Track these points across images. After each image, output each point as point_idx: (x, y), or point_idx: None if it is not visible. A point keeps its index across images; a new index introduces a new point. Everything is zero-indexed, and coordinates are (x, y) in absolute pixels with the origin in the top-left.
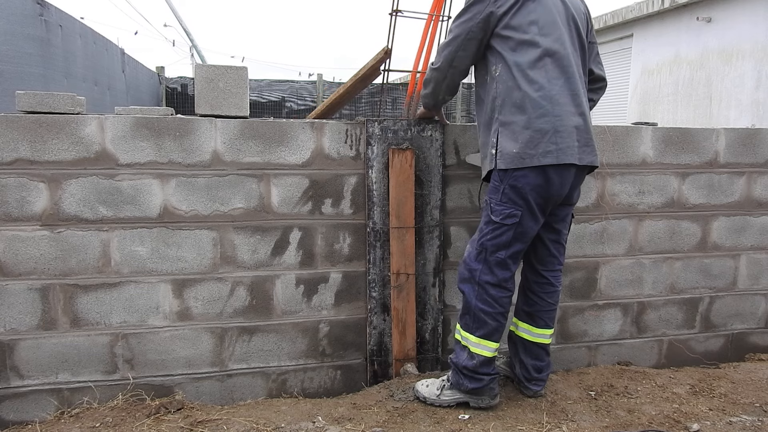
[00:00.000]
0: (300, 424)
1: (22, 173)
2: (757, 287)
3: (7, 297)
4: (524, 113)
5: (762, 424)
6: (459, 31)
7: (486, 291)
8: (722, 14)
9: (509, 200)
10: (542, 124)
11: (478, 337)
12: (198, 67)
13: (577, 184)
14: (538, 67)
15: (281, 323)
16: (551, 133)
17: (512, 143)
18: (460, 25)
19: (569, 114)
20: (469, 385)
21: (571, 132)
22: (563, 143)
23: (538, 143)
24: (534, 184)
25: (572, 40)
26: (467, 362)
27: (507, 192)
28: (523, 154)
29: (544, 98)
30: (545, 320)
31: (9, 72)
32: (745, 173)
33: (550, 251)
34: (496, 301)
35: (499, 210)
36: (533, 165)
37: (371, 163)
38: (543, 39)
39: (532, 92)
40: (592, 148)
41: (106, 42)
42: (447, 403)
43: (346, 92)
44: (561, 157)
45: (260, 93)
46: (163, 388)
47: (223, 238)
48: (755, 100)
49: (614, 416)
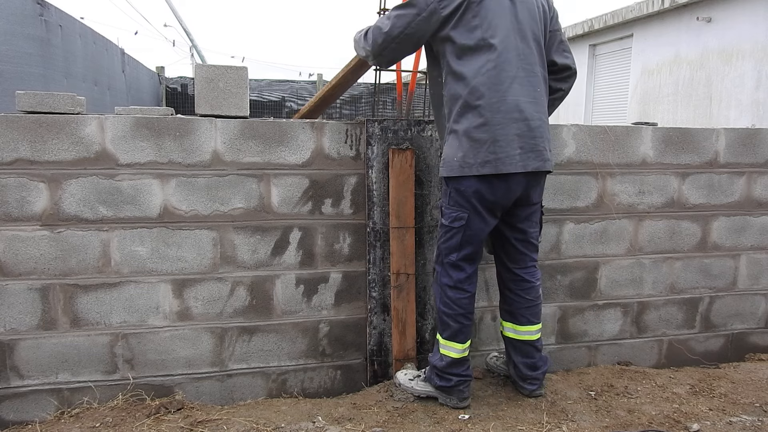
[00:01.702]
0: (300, 424)
1: (22, 173)
2: (757, 287)
3: (7, 297)
4: (465, 122)
5: (762, 424)
6: (398, 22)
7: (445, 293)
8: (722, 14)
9: (455, 203)
10: (480, 133)
11: (445, 339)
12: (198, 67)
13: (534, 186)
14: (481, 74)
15: (281, 323)
16: (489, 142)
17: (454, 151)
18: (400, 17)
19: (510, 121)
20: (438, 382)
21: (512, 140)
22: (502, 152)
23: (477, 152)
24: (475, 189)
25: (522, 39)
26: (437, 362)
27: (453, 195)
28: (462, 163)
29: (483, 107)
30: (527, 317)
31: (9, 72)
32: (745, 173)
33: (519, 250)
34: (454, 302)
35: (448, 213)
36: (471, 174)
37: (371, 163)
38: (486, 44)
39: (472, 101)
40: (539, 152)
41: (106, 42)
42: (418, 393)
43: (338, 84)
44: (500, 167)
45: (260, 93)
46: (163, 388)
47: (223, 238)
48: (755, 100)
49: (614, 416)
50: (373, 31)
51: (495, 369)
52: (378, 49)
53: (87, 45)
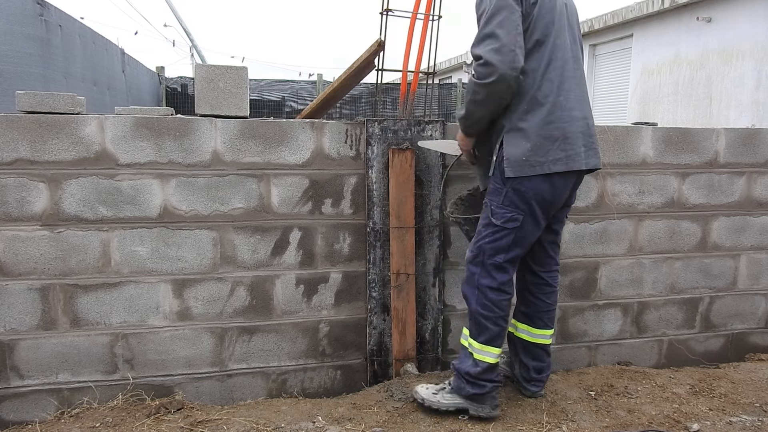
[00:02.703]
0: (300, 424)
1: (22, 173)
2: (757, 287)
3: (7, 297)
4: (533, 119)
5: (762, 424)
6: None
7: (485, 295)
8: (722, 14)
9: (511, 204)
10: (552, 130)
11: (481, 343)
12: (198, 67)
13: (579, 184)
14: (549, 71)
15: (281, 323)
16: (561, 140)
17: (519, 150)
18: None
19: (576, 119)
20: (471, 390)
21: (578, 137)
22: (571, 150)
23: (547, 150)
24: (539, 190)
25: (573, 40)
26: (471, 368)
27: (510, 195)
28: (532, 161)
29: (554, 105)
30: (544, 321)
31: (9, 72)
32: (745, 173)
33: (548, 252)
34: (495, 305)
35: (500, 213)
36: (543, 173)
37: (371, 163)
38: (550, 41)
39: (541, 97)
40: (595, 150)
41: (105, 42)
42: (446, 407)
43: (340, 86)
44: (570, 164)
45: (260, 93)
46: (163, 388)
47: (223, 238)
48: (755, 100)
49: (614, 416)
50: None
51: None
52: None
53: (87, 45)
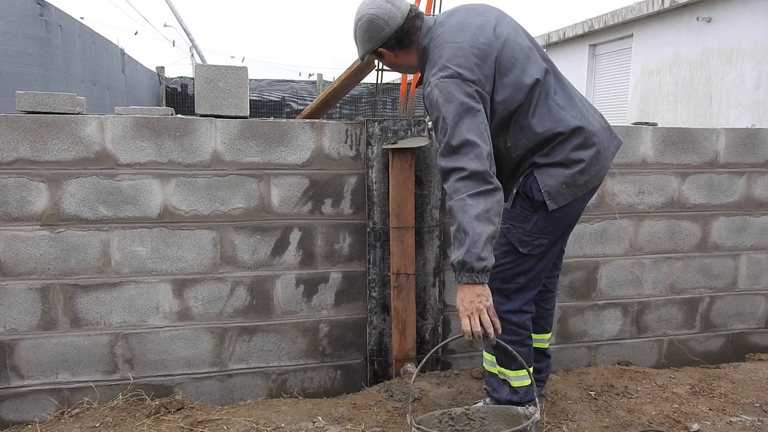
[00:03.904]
0: (300, 424)
1: (22, 173)
2: (757, 287)
3: (7, 297)
4: (564, 149)
5: (762, 424)
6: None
7: (508, 321)
8: (722, 14)
9: (541, 231)
10: (588, 150)
11: (515, 370)
12: (198, 67)
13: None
14: (548, 101)
15: (281, 323)
16: (598, 154)
17: (557, 180)
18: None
19: (595, 122)
20: None
21: (605, 145)
22: (603, 161)
23: (587, 169)
24: (573, 210)
25: (542, 58)
26: (512, 397)
27: (540, 223)
28: (573, 188)
29: (576, 129)
30: (542, 325)
31: (9, 72)
32: (745, 173)
33: (554, 262)
34: (520, 326)
35: (527, 241)
36: (584, 194)
37: (371, 163)
38: (526, 80)
39: (564, 128)
40: (612, 133)
41: (105, 42)
42: None
43: (340, 86)
44: (602, 174)
45: (260, 93)
46: (163, 388)
47: (223, 238)
48: (755, 100)
49: (614, 416)
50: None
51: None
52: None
53: (87, 45)
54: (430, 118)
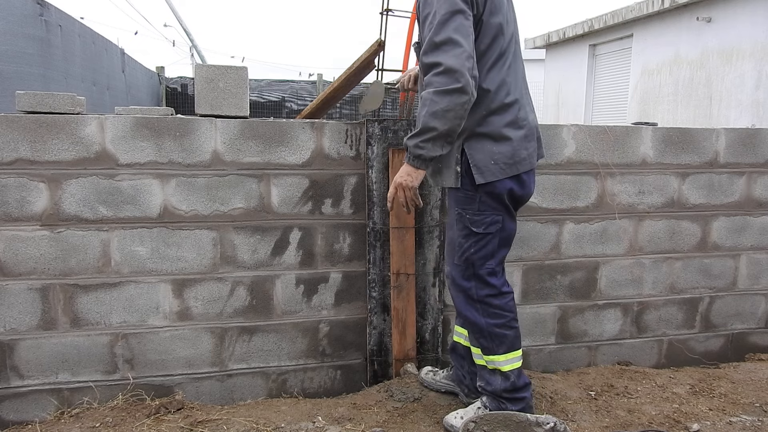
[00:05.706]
0: (300, 424)
1: (22, 173)
2: (757, 287)
3: (7, 297)
4: (498, 121)
5: (762, 424)
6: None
7: (490, 304)
8: (722, 14)
9: (488, 207)
10: (518, 131)
11: (504, 354)
12: (198, 67)
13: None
14: (505, 66)
15: (281, 323)
16: (527, 138)
17: (485, 155)
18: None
19: (531, 114)
20: (514, 407)
21: (534, 133)
22: (531, 147)
23: (516, 151)
24: (510, 187)
25: (516, 26)
26: (504, 384)
27: (484, 200)
28: (502, 165)
29: (514, 103)
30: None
31: (9, 72)
32: (745, 173)
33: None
34: (503, 309)
35: (479, 220)
36: (513, 174)
37: (371, 163)
38: (503, 38)
39: (503, 98)
40: (541, 142)
41: (105, 42)
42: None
43: (340, 86)
44: (531, 161)
45: (260, 93)
46: (163, 388)
47: (223, 238)
48: (755, 100)
49: (614, 416)
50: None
51: (433, 386)
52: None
53: (86, 45)
54: (421, 15)
